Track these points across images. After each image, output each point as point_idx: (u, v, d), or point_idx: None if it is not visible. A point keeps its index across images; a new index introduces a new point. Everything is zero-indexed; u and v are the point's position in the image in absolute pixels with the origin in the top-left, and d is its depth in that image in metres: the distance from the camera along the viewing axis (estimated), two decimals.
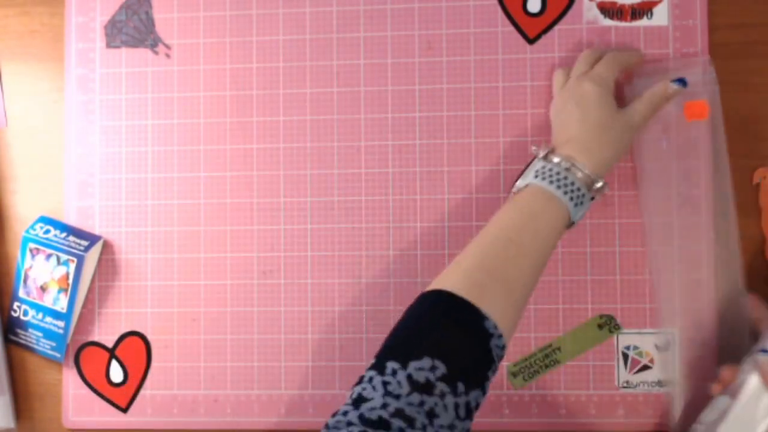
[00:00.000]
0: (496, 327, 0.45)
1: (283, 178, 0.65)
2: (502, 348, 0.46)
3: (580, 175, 0.52)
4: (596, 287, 0.62)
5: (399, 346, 0.44)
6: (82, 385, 0.66)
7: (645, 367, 0.62)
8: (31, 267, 0.65)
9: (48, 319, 0.65)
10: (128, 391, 0.65)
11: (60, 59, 0.67)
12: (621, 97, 0.59)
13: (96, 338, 0.66)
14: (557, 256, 0.63)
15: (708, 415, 0.55)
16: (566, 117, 0.56)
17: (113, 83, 0.67)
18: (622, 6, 0.63)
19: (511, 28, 0.64)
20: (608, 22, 0.63)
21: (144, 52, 0.66)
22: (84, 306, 0.66)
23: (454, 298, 0.46)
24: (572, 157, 0.52)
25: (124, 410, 0.65)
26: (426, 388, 0.42)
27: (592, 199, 0.54)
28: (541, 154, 0.54)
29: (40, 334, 0.65)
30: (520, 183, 0.53)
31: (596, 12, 0.63)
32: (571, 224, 0.53)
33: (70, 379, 0.66)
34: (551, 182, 0.51)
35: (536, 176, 0.52)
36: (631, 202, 0.62)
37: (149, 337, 0.65)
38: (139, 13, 0.67)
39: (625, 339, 0.62)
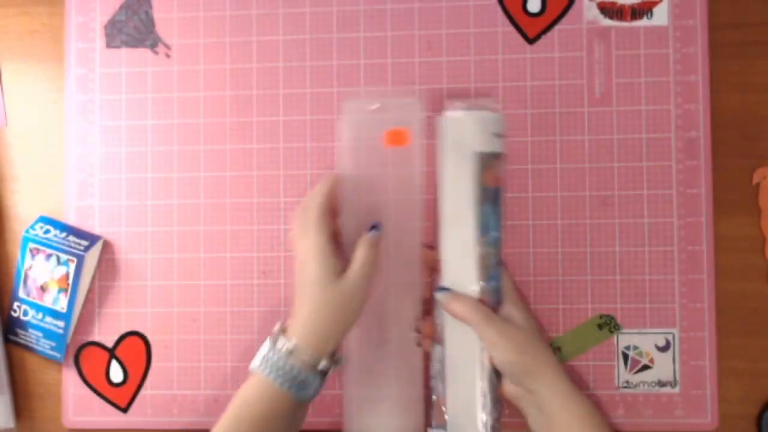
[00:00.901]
0: None
1: (283, 178, 0.65)
2: None
3: (300, 362, 0.53)
4: (596, 287, 0.62)
5: None
6: (82, 385, 0.66)
7: (645, 367, 0.62)
8: (31, 267, 0.65)
9: (48, 319, 0.65)
10: (128, 391, 0.65)
11: (60, 59, 0.67)
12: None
13: (96, 338, 0.66)
14: (557, 256, 0.63)
15: (434, 368, 0.59)
16: (295, 291, 0.56)
17: (113, 83, 0.67)
18: (622, 6, 0.63)
19: (511, 28, 0.64)
20: (608, 22, 0.63)
21: (144, 52, 0.66)
22: (84, 306, 0.66)
23: None
24: (295, 340, 0.53)
25: (124, 410, 0.65)
26: None
27: (326, 373, 0.54)
28: (275, 330, 0.55)
29: (40, 334, 0.65)
30: (252, 366, 0.54)
31: (596, 12, 0.64)
32: (307, 400, 0.55)
33: (70, 379, 0.66)
34: (270, 372, 0.53)
35: (261, 364, 0.53)
36: (631, 202, 0.63)
37: (149, 337, 0.65)
38: (139, 13, 0.67)
39: (625, 339, 0.62)
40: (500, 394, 0.57)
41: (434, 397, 0.59)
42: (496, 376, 0.56)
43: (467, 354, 0.56)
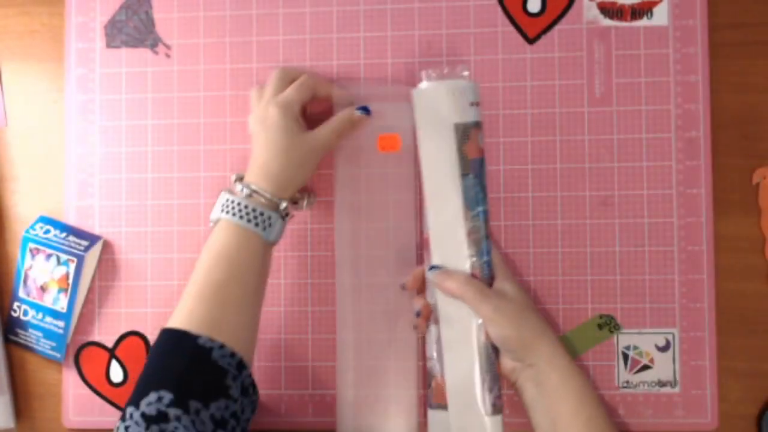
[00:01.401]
0: (212, 340, 0.50)
1: None
2: (232, 355, 0.50)
3: (262, 200, 0.55)
4: (596, 287, 0.62)
5: (133, 392, 0.48)
6: (82, 385, 0.66)
7: (645, 367, 0.62)
8: (31, 267, 0.65)
9: (48, 319, 0.65)
10: (128, 391, 0.65)
11: (60, 59, 0.67)
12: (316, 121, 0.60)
13: (96, 338, 0.66)
14: (557, 256, 0.63)
15: (430, 350, 0.58)
16: (255, 141, 0.57)
17: (113, 83, 0.67)
18: (622, 6, 0.63)
19: (511, 28, 0.64)
20: (608, 22, 0.63)
21: (144, 52, 0.66)
22: (84, 306, 0.66)
23: (170, 331, 0.51)
24: (255, 183, 0.55)
25: None
26: (159, 418, 0.46)
27: (286, 215, 0.56)
28: (232, 180, 0.57)
29: (40, 334, 0.65)
30: (212, 216, 0.56)
31: (596, 12, 0.64)
32: (272, 243, 0.56)
33: (70, 379, 0.66)
34: (234, 214, 0.54)
35: (222, 210, 0.55)
36: (631, 202, 0.63)
37: (149, 337, 0.65)
38: (139, 13, 0.67)
39: (625, 339, 0.62)
40: (498, 370, 0.56)
41: (432, 382, 0.58)
42: (494, 352, 0.56)
43: (463, 332, 0.56)
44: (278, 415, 0.64)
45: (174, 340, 0.50)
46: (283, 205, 0.55)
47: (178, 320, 0.51)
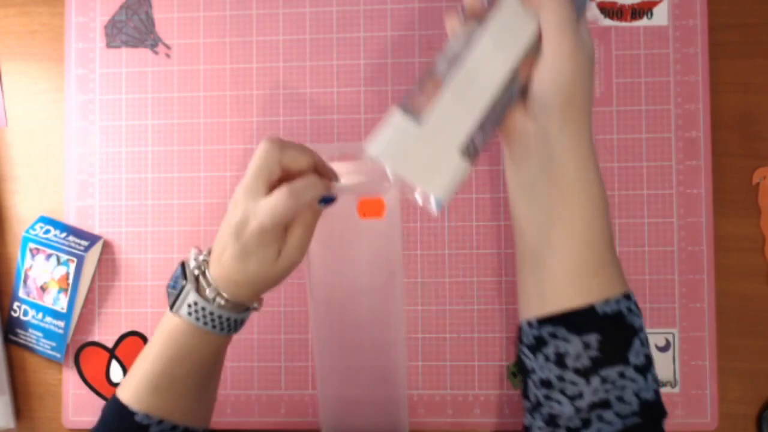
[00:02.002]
0: (149, 416, 0.49)
1: None
2: (173, 428, 0.50)
3: (232, 310, 0.50)
4: None
5: None
6: (82, 385, 0.66)
7: None
8: (31, 267, 0.65)
9: (48, 319, 0.65)
10: None
11: (60, 59, 0.67)
12: None
13: (96, 338, 0.66)
14: None
15: (451, 48, 0.45)
16: (225, 242, 0.49)
17: (113, 83, 0.67)
18: (622, 6, 0.63)
19: None
20: (608, 22, 0.63)
21: (144, 52, 0.66)
22: (84, 306, 0.66)
23: (116, 402, 0.50)
24: (226, 289, 0.49)
25: None
26: None
27: (250, 309, 0.52)
28: (193, 263, 0.50)
29: (40, 334, 0.65)
30: (175, 310, 0.50)
31: (596, 12, 0.63)
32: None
33: (70, 379, 0.66)
34: (205, 323, 0.49)
35: (189, 312, 0.49)
36: (631, 202, 0.63)
37: (149, 337, 0.65)
38: (139, 13, 0.67)
39: None
40: (503, 119, 0.45)
41: (422, 85, 0.45)
42: (517, 94, 0.44)
43: (501, 55, 0.44)
44: (278, 415, 0.64)
45: (117, 416, 0.50)
46: (255, 304, 0.52)
47: (128, 392, 0.50)
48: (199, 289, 0.50)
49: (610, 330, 0.43)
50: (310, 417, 0.64)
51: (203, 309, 0.49)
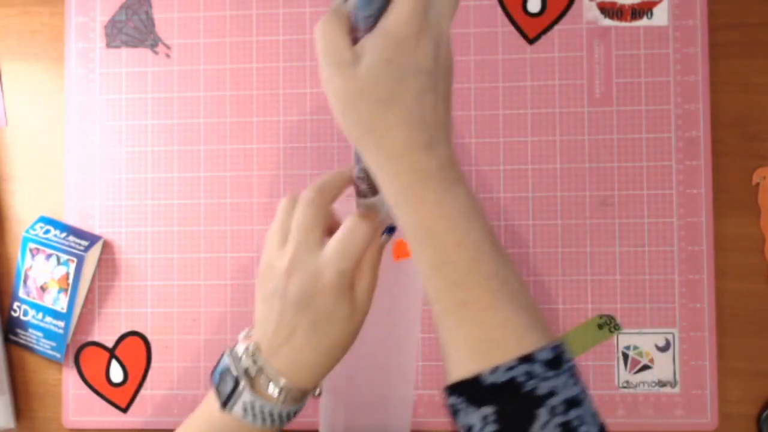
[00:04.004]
0: None
1: (283, 178, 0.65)
2: None
3: (291, 403, 0.44)
4: (596, 287, 0.62)
5: None
6: (82, 385, 0.66)
7: (645, 367, 0.62)
8: (31, 267, 0.65)
9: (48, 319, 0.65)
10: (128, 391, 0.65)
11: (60, 59, 0.67)
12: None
13: (96, 338, 0.66)
14: (557, 256, 0.63)
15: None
16: (282, 318, 0.43)
17: (113, 83, 0.67)
18: (622, 6, 0.63)
19: (511, 28, 0.64)
20: (608, 22, 0.63)
21: (144, 52, 0.66)
22: (84, 306, 0.66)
23: None
24: (289, 378, 0.43)
25: (124, 410, 0.65)
26: None
27: (310, 395, 0.45)
28: (249, 366, 0.43)
29: (40, 334, 0.65)
30: (229, 408, 0.43)
31: (596, 12, 0.64)
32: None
33: (70, 379, 0.66)
34: (264, 420, 0.43)
35: (245, 413, 0.43)
36: (630, 202, 0.63)
37: (149, 337, 0.65)
38: (139, 13, 0.67)
39: (625, 339, 0.62)
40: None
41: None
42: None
43: None
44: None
45: None
46: (318, 391, 0.46)
47: None
48: (255, 386, 0.43)
49: (505, 402, 0.35)
50: (310, 417, 0.64)
51: (262, 408, 0.42)
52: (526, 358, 0.36)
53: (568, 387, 0.36)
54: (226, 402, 0.43)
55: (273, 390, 0.43)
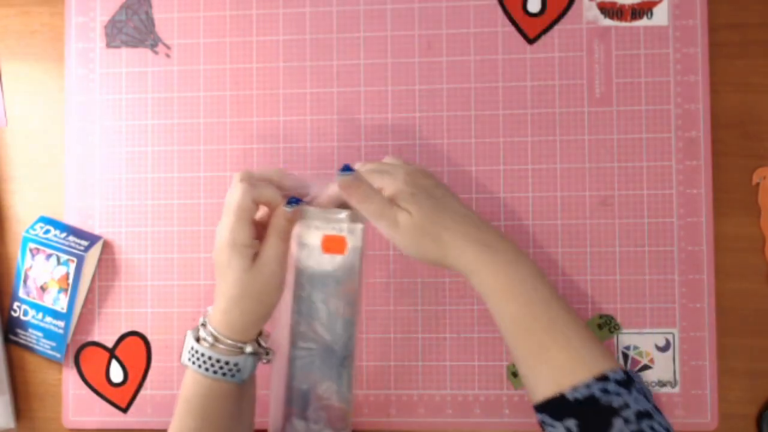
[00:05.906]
0: None
1: None
2: None
3: (225, 348, 0.52)
4: (596, 287, 0.62)
5: None
6: (82, 385, 0.66)
7: (645, 367, 0.62)
8: (31, 267, 0.65)
9: (48, 319, 0.65)
10: (128, 391, 0.65)
11: (60, 59, 0.67)
12: None
13: (96, 338, 0.66)
14: (557, 255, 0.63)
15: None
16: (216, 281, 0.53)
17: (113, 83, 0.67)
18: (622, 6, 0.63)
19: (511, 28, 0.64)
20: (608, 22, 0.63)
21: (144, 52, 0.67)
22: (84, 306, 0.66)
23: None
24: (218, 329, 0.52)
25: (124, 410, 0.65)
26: None
27: (256, 353, 0.53)
28: (200, 321, 0.54)
29: (40, 334, 0.65)
30: (183, 360, 0.53)
31: (596, 12, 0.64)
32: (245, 381, 0.53)
33: (70, 379, 0.66)
34: (200, 366, 0.52)
35: (189, 359, 0.52)
36: (630, 202, 0.63)
37: (149, 337, 0.65)
38: (139, 13, 0.67)
39: (625, 339, 0.62)
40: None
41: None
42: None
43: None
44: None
45: None
46: (248, 348, 0.52)
47: None
48: (199, 340, 0.53)
49: (586, 414, 0.45)
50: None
51: (198, 352, 0.52)
52: (601, 378, 0.45)
53: (640, 402, 0.45)
54: (181, 356, 0.54)
55: (206, 336, 0.52)
